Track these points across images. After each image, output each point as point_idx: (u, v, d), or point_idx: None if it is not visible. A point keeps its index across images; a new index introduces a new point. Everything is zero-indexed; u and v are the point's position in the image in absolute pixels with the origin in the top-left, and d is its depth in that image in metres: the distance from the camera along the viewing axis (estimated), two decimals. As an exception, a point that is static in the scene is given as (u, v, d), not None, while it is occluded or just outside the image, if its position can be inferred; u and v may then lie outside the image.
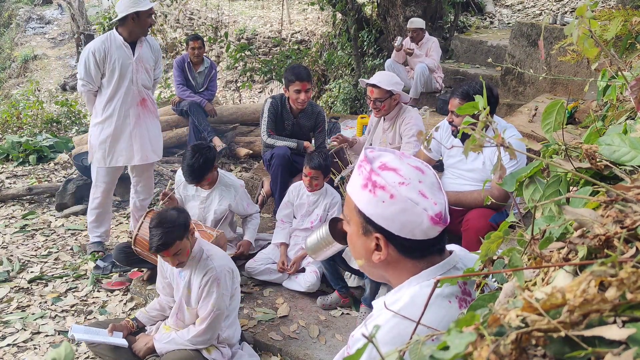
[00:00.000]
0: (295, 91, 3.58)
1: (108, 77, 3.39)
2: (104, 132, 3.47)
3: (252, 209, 3.40)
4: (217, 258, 2.40)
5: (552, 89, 5.25)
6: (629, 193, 0.70)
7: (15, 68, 13.51)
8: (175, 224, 2.26)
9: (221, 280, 2.34)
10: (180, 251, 2.29)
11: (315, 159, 3.17)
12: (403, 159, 1.04)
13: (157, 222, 2.27)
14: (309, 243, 1.46)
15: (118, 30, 3.39)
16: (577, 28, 1.02)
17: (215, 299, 2.33)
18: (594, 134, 1.14)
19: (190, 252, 2.38)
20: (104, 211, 3.69)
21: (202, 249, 2.43)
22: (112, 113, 3.44)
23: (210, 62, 5.49)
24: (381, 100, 3.30)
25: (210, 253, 2.41)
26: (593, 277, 0.54)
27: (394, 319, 0.96)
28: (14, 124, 7.17)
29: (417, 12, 6.38)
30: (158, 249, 2.25)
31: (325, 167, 3.19)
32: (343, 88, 7.45)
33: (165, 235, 2.23)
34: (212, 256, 2.40)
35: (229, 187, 3.27)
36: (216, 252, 2.43)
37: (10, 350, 2.83)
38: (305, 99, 3.60)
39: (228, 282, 2.39)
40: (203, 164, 3.03)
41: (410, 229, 0.98)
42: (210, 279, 2.33)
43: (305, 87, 3.56)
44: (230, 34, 10.22)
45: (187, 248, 2.33)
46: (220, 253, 2.46)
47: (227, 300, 2.40)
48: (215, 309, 2.34)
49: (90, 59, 3.33)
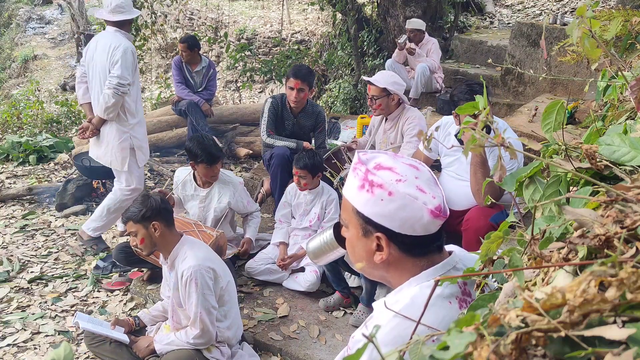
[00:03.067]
0: (289, 88, 3.62)
1: (136, 75, 3.49)
2: (143, 130, 3.63)
3: (252, 207, 3.40)
4: (193, 258, 2.36)
5: (552, 89, 5.24)
6: (629, 193, 0.70)
7: (15, 68, 13.51)
8: (141, 206, 2.39)
9: (198, 280, 2.31)
10: (135, 233, 2.39)
11: (302, 159, 3.21)
12: (397, 158, 1.04)
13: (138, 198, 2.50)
14: (311, 247, 1.45)
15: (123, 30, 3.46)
16: (577, 28, 1.02)
17: (197, 299, 2.31)
18: (594, 134, 1.14)
19: (172, 250, 2.43)
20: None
21: (182, 249, 2.42)
22: (141, 111, 3.61)
23: (209, 61, 5.48)
24: (376, 97, 3.30)
25: (187, 255, 2.39)
26: (593, 277, 0.54)
27: (394, 320, 0.96)
28: (14, 124, 7.18)
29: (417, 12, 6.38)
30: (122, 219, 2.47)
31: (311, 166, 3.21)
32: (343, 88, 7.44)
33: (128, 210, 2.42)
34: (188, 256, 2.37)
35: (227, 184, 3.27)
36: (194, 253, 2.39)
37: (10, 350, 2.83)
38: (297, 97, 3.60)
39: (208, 281, 2.35)
40: (212, 144, 3.13)
41: (411, 225, 0.98)
42: (187, 280, 2.32)
43: (298, 85, 3.57)
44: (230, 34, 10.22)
45: (142, 236, 2.38)
46: (200, 254, 2.41)
47: (212, 300, 2.37)
48: (200, 310, 2.32)
49: (132, 57, 3.39)
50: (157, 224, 2.37)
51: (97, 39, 3.54)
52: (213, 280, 2.39)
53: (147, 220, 2.36)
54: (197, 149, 3.07)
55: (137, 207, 2.39)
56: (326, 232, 1.41)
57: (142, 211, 2.36)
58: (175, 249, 2.42)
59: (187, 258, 2.37)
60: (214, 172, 3.18)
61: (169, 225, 2.44)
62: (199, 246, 2.49)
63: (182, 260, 2.38)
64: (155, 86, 11.03)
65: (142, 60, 8.58)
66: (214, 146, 3.13)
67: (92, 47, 3.50)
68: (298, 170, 3.23)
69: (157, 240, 2.40)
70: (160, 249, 2.45)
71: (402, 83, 3.37)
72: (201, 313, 2.33)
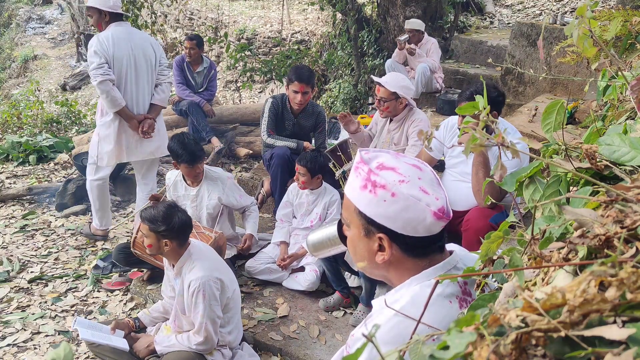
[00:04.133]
0: (293, 91, 3.61)
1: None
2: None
3: (245, 201, 3.36)
4: (201, 269, 2.34)
5: (552, 89, 5.24)
6: (629, 193, 0.70)
7: (15, 68, 13.51)
8: (162, 220, 2.34)
9: (206, 292, 2.30)
10: (146, 235, 2.37)
11: (306, 158, 3.23)
12: (399, 157, 1.04)
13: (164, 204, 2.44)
14: (312, 240, 1.45)
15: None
16: (577, 28, 1.02)
17: (203, 309, 2.30)
18: (594, 134, 1.14)
19: (179, 259, 2.41)
20: None
21: (190, 258, 2.40)
22: None
23: (210, 62, 5.49)
24: (385, 100, 3.29)
25: (195, 264, 2.37)
26: (593, 277, 0.54)
27: (394, 319, 0.95)
28: (14, 124, 7.17)
29: (417, 12, 6.38)
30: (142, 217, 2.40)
31: (313, 166, 3.21)
32: (343, 88, 7.44)
33: (149, 212, 2.38)
34: (196, 267, 2.35)
35: (215, 181, 3.26)
36: (202, 264, 2.37)
37: (10, 350, 2.83)
38: (302, 100, 3.61)
39: (215, 292, 2.34)
40: (195, 143, 3.10)
41: (414, 226, 0.98)
42: (195, 291, 2.30)
43: (303, 89, 3.57)
44: (230, 34, 10.22)
45: (151, 243, 2.37)
46: (207, 263, 2.38)
47: (217, 310, 2.36)
48: (206, 320, 2.31)
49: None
50: (169, 242, 2.36)
51: (119, 33, 3.45)
52: (220, 290, 2.38)
53: (163, 237, 2.34)
54: (178, 149, 3.06)
55: (158, 218, 2.32)
56: (330, 227, 1.41)
57: (160, 227, 2.31)
58: (183, 258, 2.41)
59: (195, 268, 2.35)
60: (195, 172, 3.16)
61: (181, 244, 2.40)
62: (206, 255, 2.47)
63: (190, 270, 2.37)
64: (155, 86, 11.01)
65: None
66: (194, 145, 3.08)
67: (123, 42, 3.46)
68: (299, 166, 3.24)
69: (164, 252, 2.39)
70: (166, 257, 2.46)
71: (411, 87, 3.36)
72: (206, 323, 2.32)
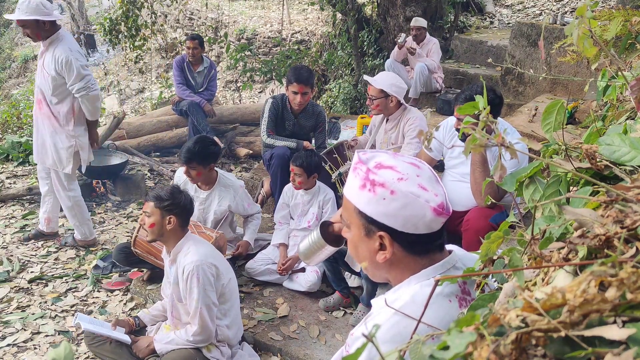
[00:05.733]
0: (293, 92, 3.60)
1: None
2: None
3: (253, 209, 3.39)
4: (196, 253, 2.38)
5: (552, 89, 5.25)
6: (629, 193, 0.70)
7: (15, 68, 13.51)
8: (169, 196, 2.42)
9: (200, 275, 2.33)
10: (149, 214, 2.41)
11: (300, 157, 3.23)
12: (397, 156, 1.04)
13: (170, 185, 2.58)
14: (301, 248, 1.47)
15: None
16: (577, 28, 1.02)
17: (198, 294, 2.33)
18: (594, 134, 1.14)
19: (177, 243, 2.45)
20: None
21: (186, 244, 2.45)
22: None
23: (210, 62, 5.49)
24: (374, 98, 3.31)
25: (190, 250, 2.42)
26: (593, 277, 0.54)
27: (393, 318, 0.96)
28: (14, 124, 7.17)
29: (417, 12, 6.38)
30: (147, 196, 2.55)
31: (308, 165, 3.22)
32: (343, 88, 7.45)
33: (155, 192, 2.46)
34: (191, 252, 2.40)
35: (228, 188, 3.26)
36: (197, 249, 2.42)
37: (10, 350, 2.83)
38: (301, 101, 3.61)
39: (210, 277, 2.37)
40: (200, 150, 3.06)
41: (414, 223, 0.98)
42: (189, 275, 2.34)
43: (302, 90, 3.57)
44: (230, 34, 10.22)
45: (155, 222, 2.40)
46: (202, 250, 2.43)
47: (212, 296, 2.38)
48: (201, 305, 2.34)
49: None
50: (174, 219, 2.41)
51: (73, 41, 3.46)
52: (215, 276, 2.40)
53: (167, 212, 2.40)
54: (183, 148, 3.13)
55: (165, 195, 2.42)
56: (314, 232, 1.43)
57: (167, 201, 2.40)
58: (180, 244, 2.45)
59: (190, 253, 2.39)
60: (191, 173, 3.12)
61: (183, 225, 2.47)
62: (202, 243, 2.52)
63: (185, 255, 2.40)
64: (154, 86, 11.04)
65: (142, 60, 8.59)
66: (194, 146, 3.07)
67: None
68: (294, 167, 3.24)
69: (166, 231, 2.42)
70: (165, 240, 2.47)
71: (402, 86, 3.35)
72: (201, 309, 2.34)
